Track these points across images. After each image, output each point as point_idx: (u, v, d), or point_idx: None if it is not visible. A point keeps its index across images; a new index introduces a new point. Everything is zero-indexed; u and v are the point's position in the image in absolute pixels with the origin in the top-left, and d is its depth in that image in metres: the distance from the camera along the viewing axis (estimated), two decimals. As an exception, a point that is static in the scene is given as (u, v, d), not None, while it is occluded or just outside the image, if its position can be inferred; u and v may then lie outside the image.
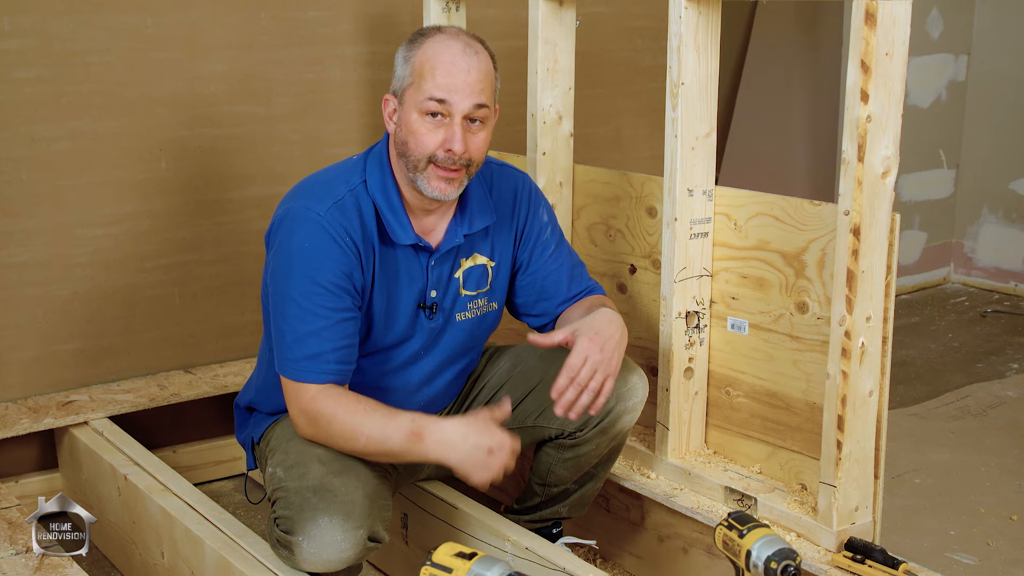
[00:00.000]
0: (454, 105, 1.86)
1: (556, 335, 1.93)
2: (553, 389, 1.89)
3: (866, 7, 1.81)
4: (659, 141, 2.32)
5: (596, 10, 3.51)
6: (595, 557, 2.47)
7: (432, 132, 1.88)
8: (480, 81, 1.88)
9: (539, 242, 2.14)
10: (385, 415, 1.86)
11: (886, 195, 1.92)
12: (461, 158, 1.88)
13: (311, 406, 1.88)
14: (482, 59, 1.89)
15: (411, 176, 1.92)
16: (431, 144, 1.88)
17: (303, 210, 1.91)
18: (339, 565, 1.84)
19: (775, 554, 1.72)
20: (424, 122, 1.88)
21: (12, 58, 2.62)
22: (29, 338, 2.75)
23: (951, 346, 4.07)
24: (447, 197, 1.92)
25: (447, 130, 1.87)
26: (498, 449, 1.83)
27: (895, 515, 2.67)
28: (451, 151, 1.87)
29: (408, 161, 1.91)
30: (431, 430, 1.84)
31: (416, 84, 1.88)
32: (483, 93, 1.88)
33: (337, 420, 1.86)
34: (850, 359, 1.94)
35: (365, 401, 1.88)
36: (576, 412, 1.91)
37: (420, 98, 1.87)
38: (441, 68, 1.86)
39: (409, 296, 2.01)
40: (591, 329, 1.91)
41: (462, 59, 1.86)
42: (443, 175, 1.90)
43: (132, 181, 2.82)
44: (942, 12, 4.60)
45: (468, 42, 1.89)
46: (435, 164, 1.89)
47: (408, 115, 1.89)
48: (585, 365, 1.89)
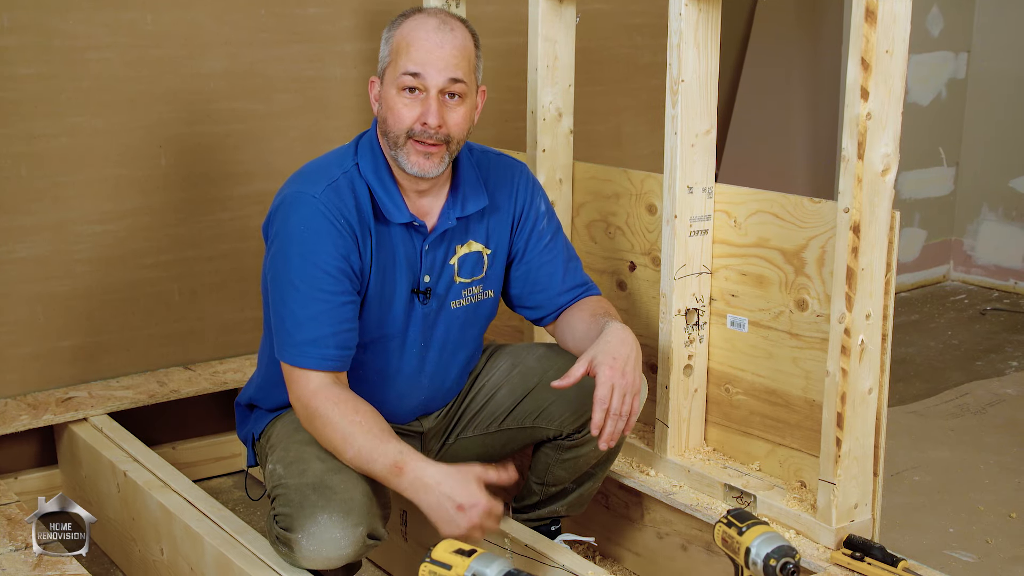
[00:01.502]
0: (428, 79, 1.88)
1: (577, 370, 1.90)
2: (592, 426, 1.89)
3: (866, 4, 1.80)
4: (659, 138, 2.32)
5: (596, 7, 3.51)
6: (594, 554, 2.47)
7: (409, 107, 1.89)
8: (455, 56, 1.89)
9: (535, 231, 2.13)
10: (377, 436, 1.82)
11: (886, 192, 1.92)
12: (438, 132, 1.89)
13: (311, 401, 1.87)
14: (458, 35, 1.90)
15: (393, 154, 1.93)
16: (408, 118, 1.89)
17: (298, 194, 1.92)
18: (338, 562, 1.84)
19: (774, 551, 1.72)
20: (401, 98, 1.89)
21: (11, 54, 2.62)
22: (29, 334, 2.75)
23: (950, 344, 4.07)
24: (427, 173, 1.92)
25: (423, 104, 1.89)
26: (469, 507, 1.76)
27: (894, 512, 2.67)
28: (427, 124, 1.88)
29: (389, 138, 1.93)
30: (412, 467, 1.80)
31: (393, 61, 1.90)
32: (458, 68, 1.89)
33: (331, 425, 1.85)
34: (849, 356, 1.94)
35: (364, 412, 1.85)
36: (613, 439, 1.91)
37: (396, 74, 1.89)
38: (416, 44, 1.88)
39: (404, 280, 2.00)
40: (608, 356, 1.90)
41: (436, 35, 1.88)
42: (421, 149, 1.90)
43: (132, 178, 2.82)
44: (942, 10, 4.60)
45: (444, 19, 1.91)
46: (413, 139, 1.90)
47: (387, 92, 1.92)
48: (614, 394, 1.88)
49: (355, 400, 1.88)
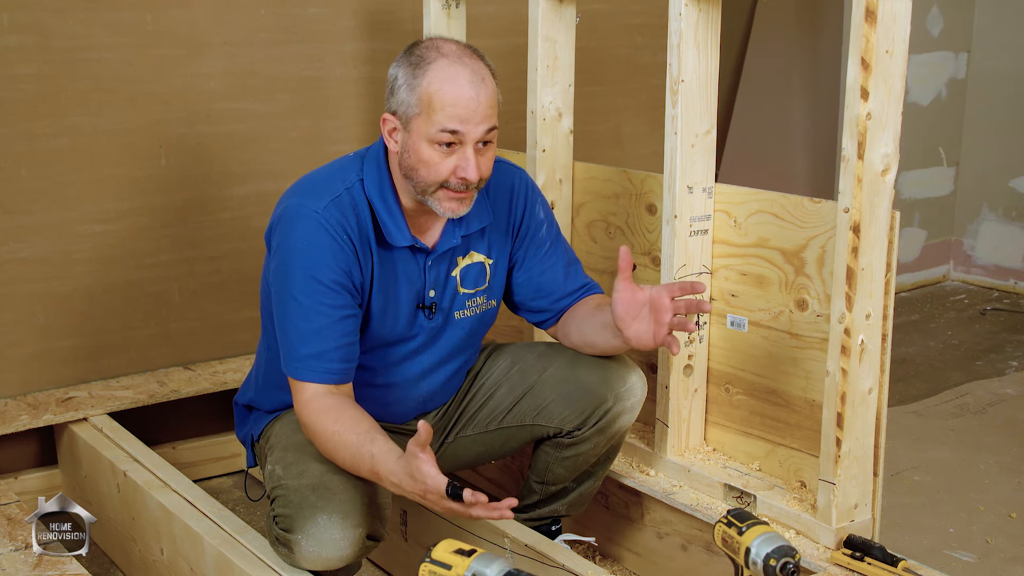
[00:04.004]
0: (467, 134, 1.86)
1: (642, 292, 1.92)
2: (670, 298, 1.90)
3: (866, 4, 1.80)
4: (659, 138, 2.32)
5: (596, 7, 3.51)
6: (594, 554, 2.47)
7: (444, 161, 1.87)
8: (490, 107, 1.87)
9: (535, 239, 2.13)
10: (354, 447, 1.80)
11: (886, 192, 1.92)
12: (474, 183, 1.89)
13: (301, 412, 1.89)
14: (488, 83, 1.88)
15: (420, 197, 1.92)
16: (444, 172, 1.88)
17: (300, 208, 1.91)
18: (338, 563, 1.84)
19: (774, 551, 1.72)
20: (436, 151, 1.87)
21: (11, 55, 2.62)
22: (29, 334, 2.75)
23: (950, 344, 4.07)
24: (459, 215, 1.93)
25: (459, 158, 1.87)
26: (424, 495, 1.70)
27: (894, 512, 2.67)
28: (465, 179, 1.87)
29: (417, 185, 1.91)
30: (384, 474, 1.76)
31: (426, 115, 1.86)
32: (492, 117, 1.88)
33: (318, 438, 1.86)
34: (849, 356, 1.94)
35: (344, 422, 1.83)
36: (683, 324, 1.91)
37: (432, 130, 1.85)
38: (449, 99, 1.84)
39: (408, 296, 2.01)
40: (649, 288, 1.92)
41: (471, 90, 1.85)
42: (455, 196, 1.90)
43: (132, 178, 2.82)
44: (942, 10, 4.60)
45: (475, 68, 1.87)
46: (446, 188, 1.89)
47: (416, 144, 1.88)
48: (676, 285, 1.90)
49: (338, 409, 1.86)
